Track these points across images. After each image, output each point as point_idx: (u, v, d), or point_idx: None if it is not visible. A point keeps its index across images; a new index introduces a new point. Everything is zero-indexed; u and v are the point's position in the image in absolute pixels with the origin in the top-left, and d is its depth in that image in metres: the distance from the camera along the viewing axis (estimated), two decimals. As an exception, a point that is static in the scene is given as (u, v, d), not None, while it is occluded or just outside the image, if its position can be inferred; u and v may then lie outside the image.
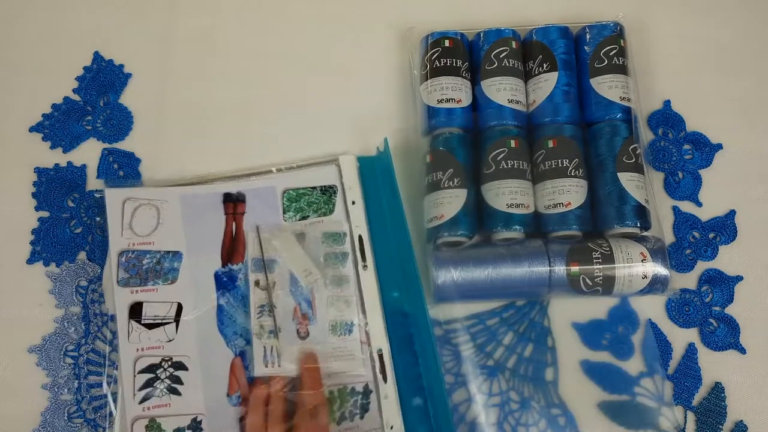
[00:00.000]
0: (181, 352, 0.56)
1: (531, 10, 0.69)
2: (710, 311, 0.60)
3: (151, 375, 0.55)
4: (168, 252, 0.59)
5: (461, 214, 0.57)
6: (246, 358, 0.57)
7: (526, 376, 0.58)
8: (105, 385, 0.56)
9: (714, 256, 0.61)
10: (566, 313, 0.60)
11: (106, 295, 0.58)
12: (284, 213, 0.60)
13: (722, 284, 0.61)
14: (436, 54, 0.61)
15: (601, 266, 0.55)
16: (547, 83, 0.60)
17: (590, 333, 0.59)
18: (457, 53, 0.61)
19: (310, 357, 0.56)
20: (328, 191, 0.61)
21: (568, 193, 0.57)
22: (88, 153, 0.65)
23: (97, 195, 0.62)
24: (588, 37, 0.62)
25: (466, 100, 0.60)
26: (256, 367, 0.56)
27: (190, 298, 0.58)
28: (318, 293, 0.58)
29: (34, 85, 0.67)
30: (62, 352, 0.58)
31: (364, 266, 0.58)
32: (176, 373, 0.56)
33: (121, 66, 0.67)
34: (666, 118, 0.65)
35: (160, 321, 0.57)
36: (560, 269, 0.55)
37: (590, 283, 0.55)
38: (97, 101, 0.66)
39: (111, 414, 0.55)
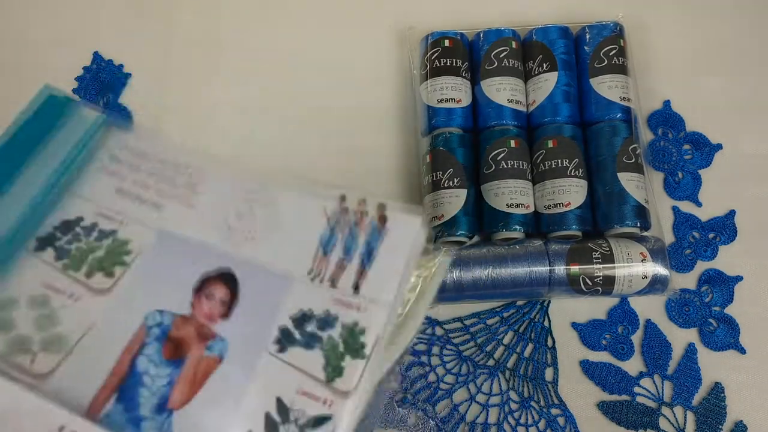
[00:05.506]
0: None
1: (531, 10, 0.69)
2: (710, 311, 0.60)
3: None
4: None
5: (461, 214, 0.57)
6: None
7: (526, 376, 0.58)
8: None
9: (714, 256, 0.61)
10: (566, 313, 0.60)
11: None
12: None
13: (722, 284, 0.61)
14: (436, 54, 0.61)
15: (601, 266, 0.55)
16: (546, 83, 0.60)
17: (590, 333, 0.59)
18: (457, 53, 0.61)
19: None
20: None
21: (568, 193, 0.57)
22: (88, 153, 0.65)
23: None
24: (588, 37, 0.62)
25: (466, 100, 0.60)
26: None
27: None
28: None
29: (33, 85, 0.67)
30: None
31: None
32: None
33: (121, 66, 0.67)
34: (666, 118, 0.65)
35: None
36: (560, 269, 0.55)
37: (590, 283, 0.55)
38: (97, 101, 0.66)
39: None
